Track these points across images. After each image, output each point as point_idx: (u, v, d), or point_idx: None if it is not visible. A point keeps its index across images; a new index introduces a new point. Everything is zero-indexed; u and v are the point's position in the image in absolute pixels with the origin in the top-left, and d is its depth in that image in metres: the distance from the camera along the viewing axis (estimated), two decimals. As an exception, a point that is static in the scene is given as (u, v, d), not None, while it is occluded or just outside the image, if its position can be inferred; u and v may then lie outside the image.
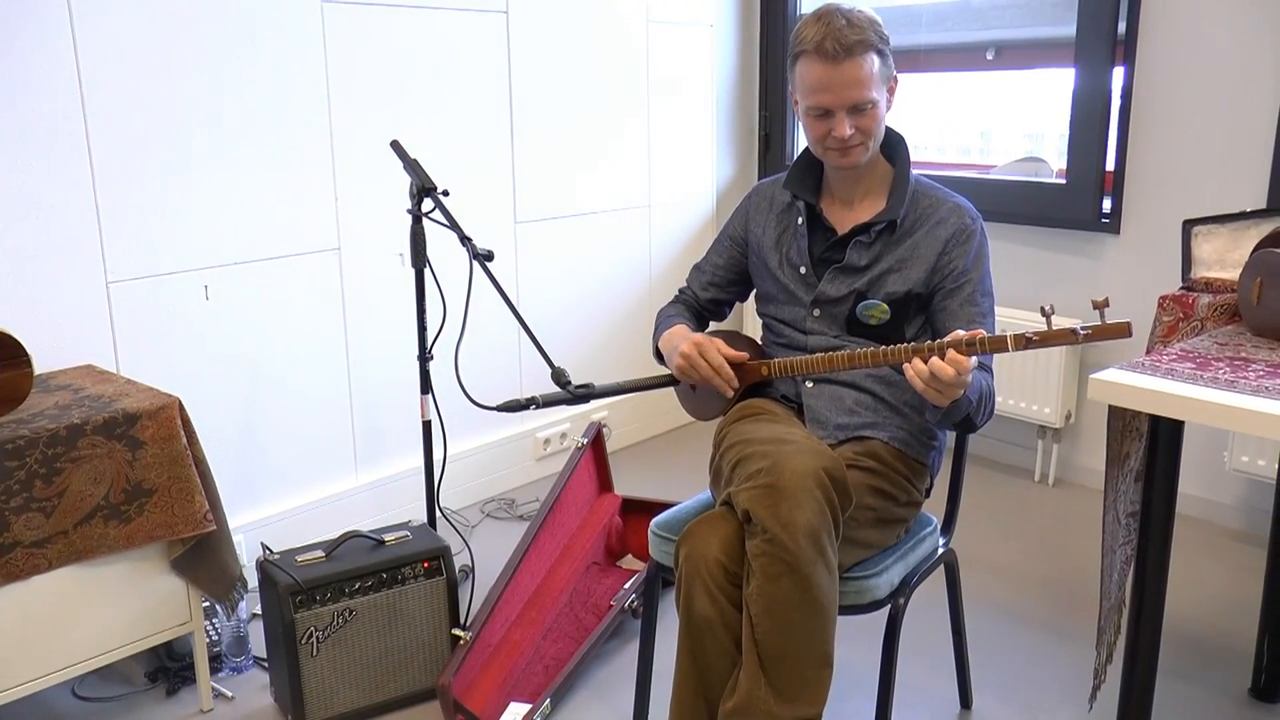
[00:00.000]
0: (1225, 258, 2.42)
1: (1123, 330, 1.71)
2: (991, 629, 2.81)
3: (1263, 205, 3.18)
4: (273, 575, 2.32)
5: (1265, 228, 2.35)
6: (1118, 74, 3.46)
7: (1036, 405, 3.64)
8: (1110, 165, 3.51)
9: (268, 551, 2.43)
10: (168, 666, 2.58)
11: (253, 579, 2.57)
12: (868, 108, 1.96)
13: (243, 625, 2.61)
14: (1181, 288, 2.42)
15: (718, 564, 1.81)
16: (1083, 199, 3.56)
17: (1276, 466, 3.14)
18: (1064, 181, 3.61)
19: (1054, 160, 3.92)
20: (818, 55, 1.92)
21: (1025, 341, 1.75)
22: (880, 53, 1.96)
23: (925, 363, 1.76)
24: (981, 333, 1.77)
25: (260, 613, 2.57)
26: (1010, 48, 4.01)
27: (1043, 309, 1.77)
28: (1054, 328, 1.76)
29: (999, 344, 1.76)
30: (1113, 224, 3.51)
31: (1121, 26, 3.41)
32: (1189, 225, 2.45)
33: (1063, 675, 2.61)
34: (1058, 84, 3.95)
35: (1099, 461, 3.67)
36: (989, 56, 4.08)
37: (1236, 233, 2.41)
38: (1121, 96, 3.45)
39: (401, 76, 3.23)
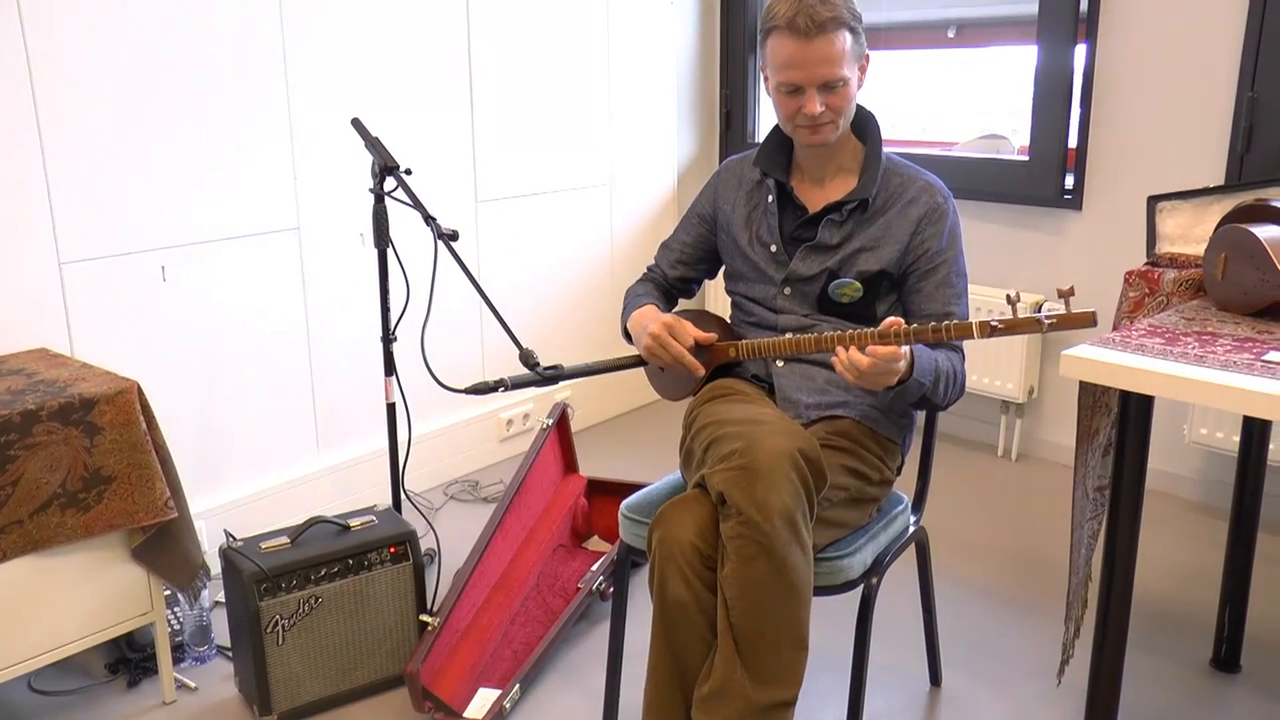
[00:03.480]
0: (1189, 233, 2.43)
1: (1087, 320, 1.72)
2: (958, 605, 2.83)
3: (1221, 181, 3.21)
4: (237, 563, 2.28)
5: (1227, 204, 2.36)
6: (1079, 51, 3.47)
7: (1000, 380, 3.66)
8: (1072, 142, 3.52)
9: (231, 538, 2.38)
10: (128, 657, 2.53)
11: (215, 566, 2.53)
12: (839, 85, 1.94)
13: (205, 614, 2.56)
14: (1147, 263, 2.43)
15: (692, 547, 1.79)
16: (1045, 176, 3.57)
17: (1237, 439, 3.17)
18: (1027, 158, 3.63)
19: (1010, 137, 3.93)
20: (789, 31, 1.90)
21: (990, 329, 1.76)
22: (853, 30, 1.94)
23: (884, 348, 1.77)
24: (948, 322, 1.78)
25: (223, 600, 2.52)
26: (971, 25, 4.00)
27: (1008, 296, 1.78)
28: (1019, 315, 1.76)
29: (964, 331, 1.77)
30: (1075, 200, 3.53)
31: (1083, 4, 3.42)
32: (1154, 201, 2.46)
33: (1030, 650, 2.63)
34: (1012, 61, 3.96)
35: (1061, 436, 3.71)
36: (950, 34, 4.07)
37: (1200, 208, 2.43)
38: (1083, 74, 3.46)
39: (360, 53, 3.16)
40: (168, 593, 2.50)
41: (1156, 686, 2.48)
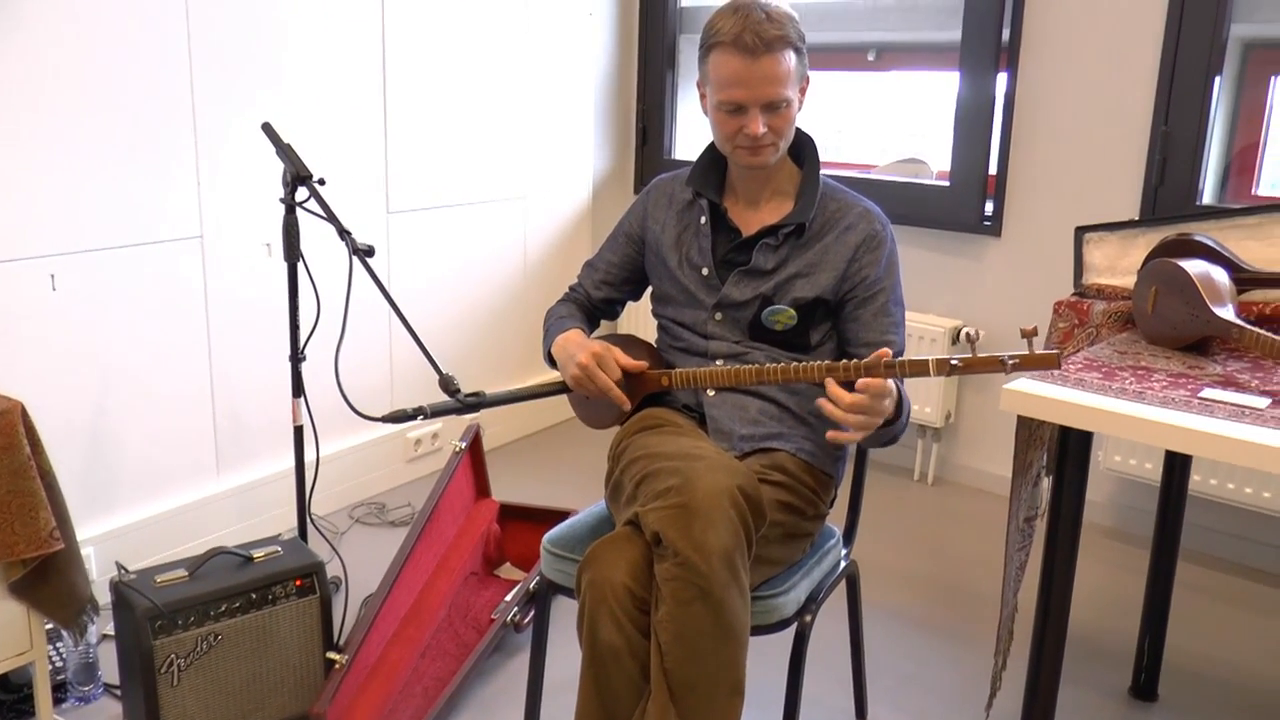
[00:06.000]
0: (1116, 264, 2.43)
1: (1051, 361, 1.67)
2: (883, 634, 2.79)
3: (1137, 212, 3.25)
4: (129, 599, 2.12)
5: (1153, 236, 2.37)
6: (1000, 80, 3.48)
7: (918, 405, 3.65)
8: (992, 169, 3.53)
9: (123, 571, 2.22)
10: (1, 700, 2.34)
11: (104, 597, 2.36)
12: (782, 106, 1.88)
13: (91, 650, 2.39)
14: (1074, 293, 2.43)
15: (624, 589, 1.70)
16: (966, 202, 3.58)
17: (1150, 466, 3.20)
18: (947, 184, 3.63)
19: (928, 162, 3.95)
20: (735, 48, 1.83)
21: (949, 368, 1.69)
22: (798, 50, 1.89)
23: (841, 385, 1.70)
24: (903, 357, 1.73)
25: (112, 633, 2.36)
26: (892, 50, 4.01)
27: (967, 334, 1.73)
28: (979, 354, 1.70)
29: (919, 368, 1.70)
30: (994, 227, 3.55)
31: (1006, 34, 3.43)
32: (1081, 231, 2.46)
33: (955, 680, 2.60)
34: (926, 86, 3.98)
35: (977, 461, 3.72)
36: (870, 58, 4.07)
37: (1125, 240, 2.43)
38: (1004, 102, 3.47)
39: (270, 56, 3.02)
40: (49, 627, 2.33)
41: (1076, 714, 2.47)
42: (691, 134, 4.42)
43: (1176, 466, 2.47)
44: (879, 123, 4.29)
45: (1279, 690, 2.62)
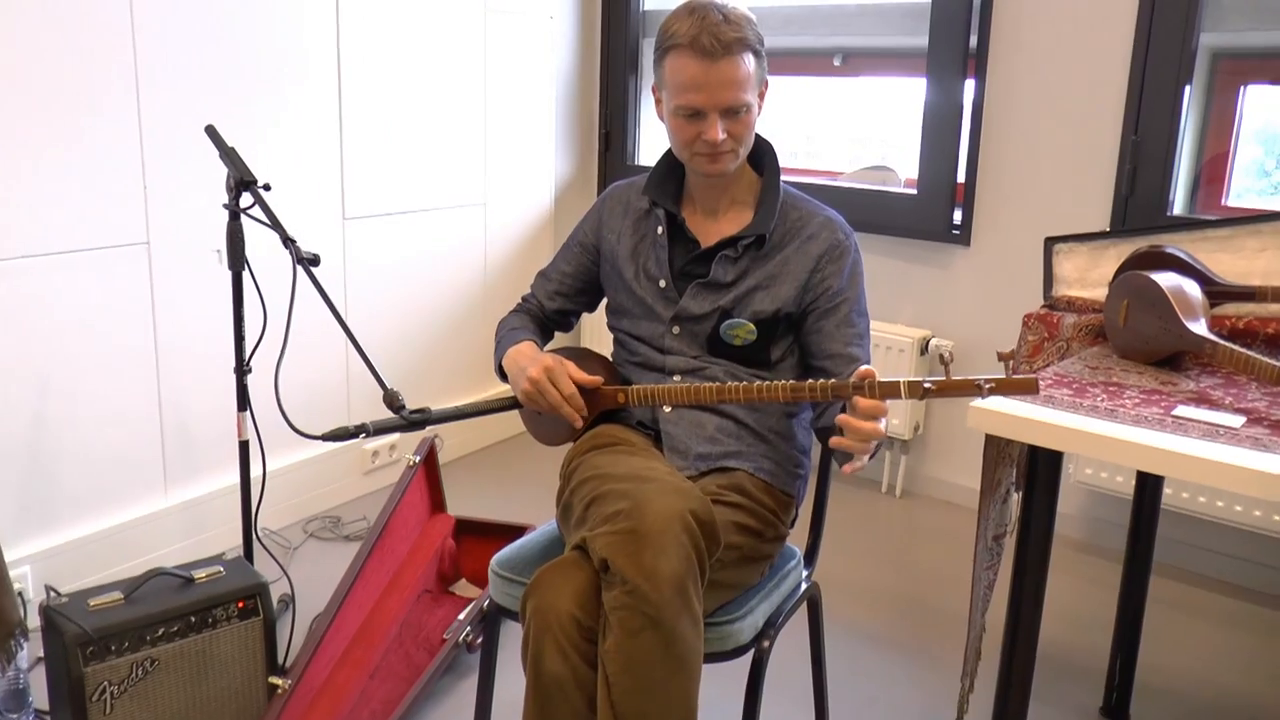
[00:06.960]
0: (1085, 276, 2.38)
1: (1029, 386, 1.61)
2: (848, 654, 2.72)
3: (1107, 222, 3.21)
4: (58, 624, 2.02)
5: (1124, 248, 2.32)
6: (968, 87, 3.43)
7: (886, 417, 3.59)
8: (961, 177, 3.48)
9: (53, 593, 2.12)
10: (-71, 726, 2.25)
11: (36, 620, 2.26)
12: (742, 111, 1.81)
13: (22, 676, 2.28)
14: (1044, 305, 2.38)
15: (570, 618, 1.62)
16: (934, 210, 3.53)
17: (1120, 480, 3.16)
18: (915, 192, 3.58)
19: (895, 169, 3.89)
20: (693, 51, 1.76)
21: (922, 391, 1.62)
22: (757, 54, 1.82)
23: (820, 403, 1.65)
24: (873, 377, 1.65)
25: (44, 657, 2.25)
26: (858, 55, 3.95)
27: (941, 356, 1.67)
28: (953, 377, 1.63)
29: (891, 390, 1.63)
30: (963, 236, 3.49)
31: (973, 40, 3.38)
32: (1051, 242, 2.41)
33: (921, 703, 2.53)
34: (891, 93, 3.93)
35: (945, 473, 3.67)
36: (836, 63, 4.01)
37: (1096, 252, 2.38)
38: (972, 110, 3.42)
39: (220, 56, 2.93)
40: (-22, 652, 2.22)
41: (1047, 738, 2.42)
42: (655, 139, 4.35)
43: (1149, 481, 2.42)
44: (845, 129, 4.23)
45: (1254, 708, 2.58)
